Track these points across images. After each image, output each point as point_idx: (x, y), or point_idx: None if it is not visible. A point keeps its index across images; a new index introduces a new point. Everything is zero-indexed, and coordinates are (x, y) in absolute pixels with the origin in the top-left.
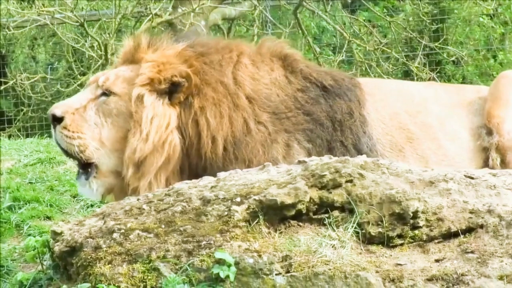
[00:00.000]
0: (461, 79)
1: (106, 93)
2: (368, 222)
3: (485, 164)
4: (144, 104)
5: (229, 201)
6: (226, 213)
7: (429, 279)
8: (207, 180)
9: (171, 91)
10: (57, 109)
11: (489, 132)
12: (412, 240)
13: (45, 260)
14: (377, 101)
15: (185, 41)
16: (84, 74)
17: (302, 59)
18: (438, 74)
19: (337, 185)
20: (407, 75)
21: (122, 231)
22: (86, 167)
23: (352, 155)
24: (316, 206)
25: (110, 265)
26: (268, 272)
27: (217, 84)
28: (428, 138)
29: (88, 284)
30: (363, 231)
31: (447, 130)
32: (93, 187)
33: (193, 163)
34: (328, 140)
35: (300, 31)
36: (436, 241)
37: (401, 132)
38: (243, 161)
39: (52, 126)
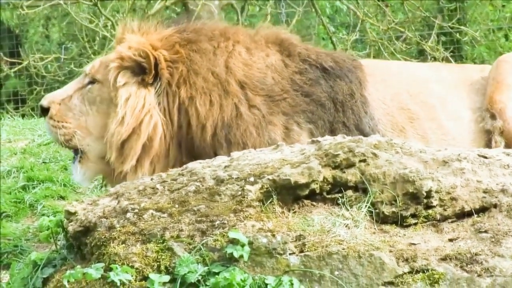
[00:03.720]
0: (477, 60)
1: (92, 81)
2: (382, 202)
3: (487, 146)
4: (118, 83)
5: (243, 180)
6: (239, 192)
7: (443, 259)
8: (220, 159)
9: (143, 70)
10: (44, 100)
11: (492, 116)
12: (426, 220)
13: (59, 240)
14: (378, 81)
15: (177, 26)
16: (98, 53)
17: (300, 42)
18: (451, 53)
19: (350, 165)
20: (421, 54)
21: (136, 210)
22: (76, 152)
23: (354, 136)
24: (329, 186)
25: (124, 245)
26: (281, 252)
27: (207, 73)
28: (428, 118)
29: (102, 264)
30: (377, 210)
31: (449, 110)
32: (79, 172)
33: (186, 151)
34: (330, 122)
35: (313, 10)
36: (449, 220)
37: (402, 113)
38: (237, 144)
39: (44, 118)
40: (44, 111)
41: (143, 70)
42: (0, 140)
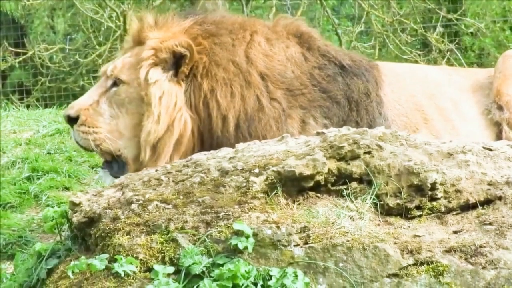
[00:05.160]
0: (477, 51)
1: (116, 82)
2: (386, 194)
3: (498, 138)
4: (150, 80)
5: (248, 172)
6: (244, 184)
7: (447, 251)
8: (225, 151)
9: (175, 65)
10: (71, 110)
11: (500, 108)
12: (430, 212)
13: (63, 231)
14: (393, 82)
15: (194, 18)
16: (102, 44)
17: (320, 37)
18: (456, 45)
19: (355, 157)
20: (425, 46)
21: (141, 202)
22: (114, 159)
23: None
24: (334, 178)
25: (128, 236)
26: (286, 243)
27: (228, 64)
28: (442, 120)
29: (106, 255)
30: (381, 202)
31: (461, 112)
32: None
33: (207, 143)
34: (344, 120)
35: (318, 2)
36: (454, 212)
37: (416, 114)
38: (257, 138)
39: (70, 127)
40: (72, 120)
41: (175, 65)
42: (1, 131)
